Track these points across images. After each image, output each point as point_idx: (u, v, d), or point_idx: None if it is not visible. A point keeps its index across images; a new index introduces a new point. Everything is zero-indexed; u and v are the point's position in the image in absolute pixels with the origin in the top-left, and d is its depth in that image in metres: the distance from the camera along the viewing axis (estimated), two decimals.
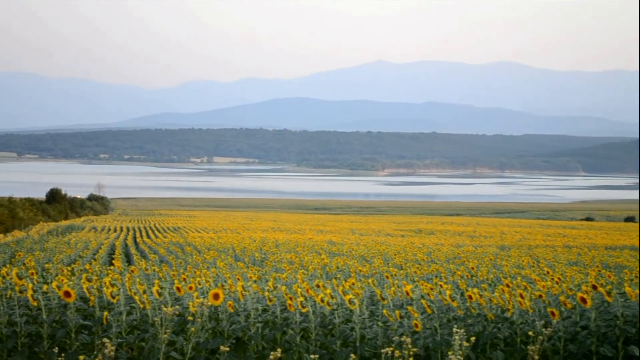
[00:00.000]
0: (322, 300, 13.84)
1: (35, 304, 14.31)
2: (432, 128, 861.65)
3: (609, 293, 12.97)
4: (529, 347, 10.47)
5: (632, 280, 21.01)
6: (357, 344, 13.11)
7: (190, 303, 13.58)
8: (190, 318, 13.39)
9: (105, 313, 14.10)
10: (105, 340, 10.84)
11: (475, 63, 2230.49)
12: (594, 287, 13.06)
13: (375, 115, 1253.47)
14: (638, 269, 28.13)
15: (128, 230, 76.50)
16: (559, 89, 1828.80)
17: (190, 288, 15.76)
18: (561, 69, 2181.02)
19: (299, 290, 14.53)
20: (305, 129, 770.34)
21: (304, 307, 13.48)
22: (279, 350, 10.36)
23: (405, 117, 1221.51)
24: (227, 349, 11.01)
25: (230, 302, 14.08)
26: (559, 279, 18.77)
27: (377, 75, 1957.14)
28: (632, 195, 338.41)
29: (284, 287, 14.90)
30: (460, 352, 10.19)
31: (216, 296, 13.11)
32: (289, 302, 13.67)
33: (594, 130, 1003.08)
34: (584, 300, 12.28)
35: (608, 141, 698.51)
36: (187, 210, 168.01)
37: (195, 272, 24.06)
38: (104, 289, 15.46)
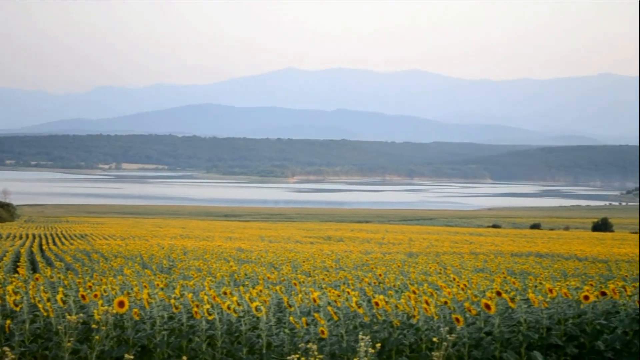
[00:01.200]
0: (229, 308, 13.79)
1: None
2: (342, 135, 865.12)
3: (512, 299, 13.13)
4: (433, 353, 10.55)
5: (536, 286, 21.30)
6: (264, 351, 13.08)
7: (95, 311, 13.42)
8: (94, 326, 13.23)
9: (8, 321, 13.86)
10: (6, 349, 10.63)
11: (385, 71, 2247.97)
12: (498, 294, 13.21)
13: (285, 122, 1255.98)
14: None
15: (34, 237, 75.29)
16: (468, 97, 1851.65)
17: (96, 296, 15.57)
18: (470, 78, 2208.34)
19: (206, 297, 14.47)
20: (215, 136, 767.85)
21: (210, 315, 13.40)
22: (185, 357, 10.29)
23: (315, 124, 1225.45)
24: (132, 357, 10.90)
25: (135, 310, 13.96)
26: (465, 285, 18.94)
27: (287, 82, 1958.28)
28: (538, 202, 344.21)
29: (190, 295, 14.82)
30: (366, 359, 10.22)
31: (121, 304, 12.97)
32: (195, 309, 13.59)
33: (501, 139, 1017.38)
34: (488, 306, 12.41)
35: (515, 149, 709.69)
36: (94, 217, 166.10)
37: (101, 280, 23.77)
38: (7, 297, 15.20)
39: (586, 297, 12.92)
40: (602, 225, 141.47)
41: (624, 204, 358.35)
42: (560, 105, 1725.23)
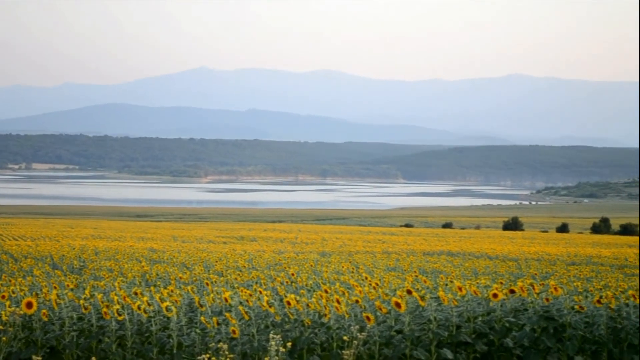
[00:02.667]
0: (139, 308, 13.68)
1: None
2: (255, 135, 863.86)
3: (423, 298, 13.24)
4: (344, 351, 10.59)
5: (446, 285, 21.50)
6: (175, 351, 13.01)
7: (2, 312, 13.22)
8: (1, 327, 13.02)
9: None
10: None
11: (298, 71, 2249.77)
12: (409, 292, 13.30)
13: (197, 122, 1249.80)
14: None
15: None
16: (380, 97, 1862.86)
17: (3, 297, 15.34)
18: (382, 78, 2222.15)
19: (116, 298, 14.34)
20: (127, 135, 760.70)
21: (120, 315, 13.28)
22: (94, 358, 10.18)
23: (228, 124, 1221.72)
24: (40, 358, 10.74)
25: (44, 311, 13.77)
26: (377, 284, 19.05)
27: (200, 81, 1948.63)
28: (449, 202, 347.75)
29: (100, 295, 14.67)
30: (277, 358, 10.22)
31: (29, 305, 12.79)
32: (104, 310, 13.46)
33: (414, 139, 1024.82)
34: (398, 304, 12.48)
35: (427, 149, 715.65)
36: (4, 217, 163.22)
37: (10, 281, 23.41)
38: None
39: (495, 295, 13.07)
40: (512, 224, 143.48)
41: (534, 203, 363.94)
42: (471, 106, 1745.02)
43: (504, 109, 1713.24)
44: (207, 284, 20.38)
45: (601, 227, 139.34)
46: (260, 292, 16.11)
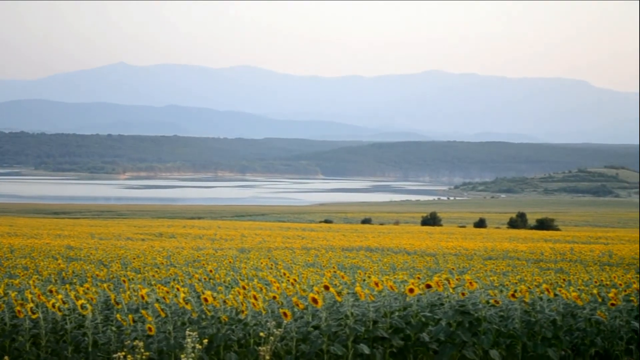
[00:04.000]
0: (54, 306, 13.51)
1: None
2: (174, 131, 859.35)
3: (340, 293, 13.28)
4: (260, 347, 10.58)
5: (364, 280, 21.59)
6: (90, 349, 12.88)
7: None
8: None
9: None
10: None
11: (216, 67, 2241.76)
12: (326, 288, 13.32)
13: (115, 118, 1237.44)
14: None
15: None
16: (299, 93, 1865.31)
17: None
18: (300, 74, 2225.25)
19: (30, 296, 14.13)
20: (43, 132, 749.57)
21: (34, 314, 13.10)
22: (7, 358, 10.04)
23: (146, 120, 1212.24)
24: None
25: None
26: (295, 280, 19.05)
27: (117, 77, 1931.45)
28: (368, 197, 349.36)
29: (14, 293, 14.46)
30: (193, 355, 10.17)
31: None
32: (18, 308, 13.27)
33: (332, 135, 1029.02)
34: (315, 300, 12.51)
35: (346, 145, 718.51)
36: None
37: None
38: None
39: (411, 290, 13.15)
40: (431, 220, 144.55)
41: (451, 198, 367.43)
42: (389, 103, 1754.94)
43: (422, 106, 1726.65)
44: (124, 281, 20.19)
45: (518, 222, 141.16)
46: (178, 289, 16.01)
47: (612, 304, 14.70)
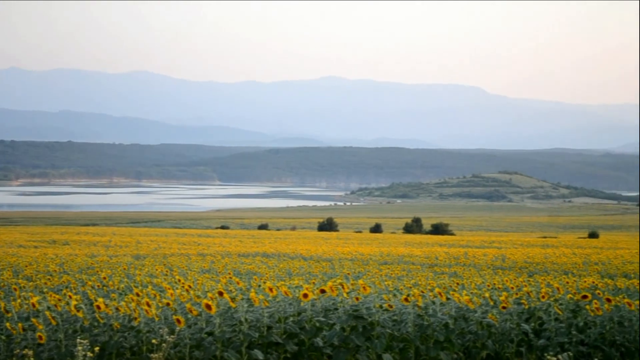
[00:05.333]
0: None
1: None
2: (68, 137, 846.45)
3: (234, 299, 13.24)
4: (153, 355, 10.48)
5: (259, 286, 21.58)
6: None
7: None
8: None
9: None
10: None
11: (112, 72, 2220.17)
12: (220, 294, 13.26)
13: (7, 123, 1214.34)
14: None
15: None
16: (194, 98, 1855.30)
17: None
18: (196, 79, 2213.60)
19: None
20: None
21: None
22: None
23: (39, 125, 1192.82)
24: None
25: None
26: (190, 286, 18.94)
27: (10, 82, 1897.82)
28: (265, 203, 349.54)
29: None
30: None
31: None
32: None
33: (229, 140, 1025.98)
34: (209, 306, 12.45)
35: (242, 151, 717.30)
36: None
37: None
38: None
39: (305, 295, 13.17)
40: (327, 225, 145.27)
41: (348, 204, 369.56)
42: (286, 108, 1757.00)
43: (319, 111, 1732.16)
44: (15, 289, 19.87)
45: (413, 226, 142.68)
46: (70, 297, 15.79)
47: (504, 307, 14.94)
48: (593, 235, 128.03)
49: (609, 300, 15.10)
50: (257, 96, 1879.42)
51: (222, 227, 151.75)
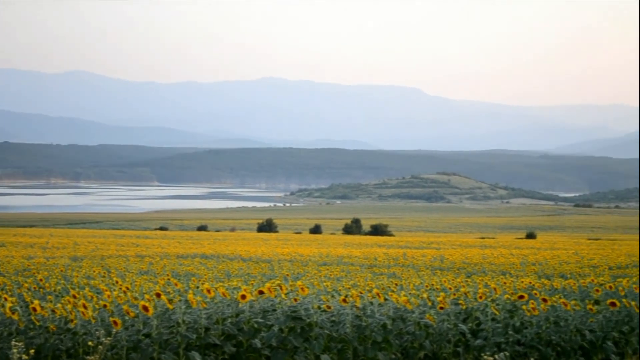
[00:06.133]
0: None
1: None
2: (4, 138, 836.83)
3: (171, 301, 13.17)
4: (89, 357, 10.40)
5: (198, 287, 21.50)
6: None
7: None
8: None
9: None
10: None
11: (49, 72, 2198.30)
12: (158, 295, 13.18)
13: None
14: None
15: None
16: (133, 99, 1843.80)
17: None
18: (135, 79, 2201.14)
19: None
20: None
21: None
22: None
23: None
24: None
25: None
26: (127, 288, 18.82)
27: None
28: (205, 204, 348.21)
29: None
30: None
31: None
32: None
33: (168, 141, 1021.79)
34: (146, 308, 12.36)
35: (182, 152, 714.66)
36: None
37: None
38: None
39: (243, 297, 13.15)
40: (267, 226, 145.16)
41: (288, 204, 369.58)
42: (226, 109, 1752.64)
43: (258, 112, 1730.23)
44: None
45: (353, 227, 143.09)
46: (5, 299, 15.61)
47: (441, 308, 15.04)
48: (530, 235, 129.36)
49: (545, 300, 15.25)
50: (197, 97, 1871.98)
51: (161, 229, 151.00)
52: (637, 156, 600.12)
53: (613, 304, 15.27)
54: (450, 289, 20.81)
